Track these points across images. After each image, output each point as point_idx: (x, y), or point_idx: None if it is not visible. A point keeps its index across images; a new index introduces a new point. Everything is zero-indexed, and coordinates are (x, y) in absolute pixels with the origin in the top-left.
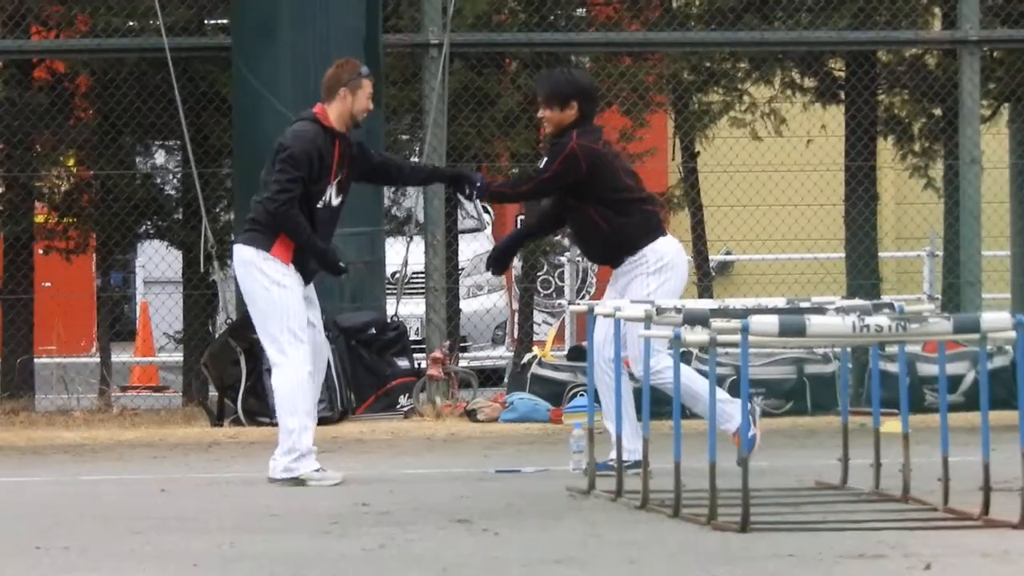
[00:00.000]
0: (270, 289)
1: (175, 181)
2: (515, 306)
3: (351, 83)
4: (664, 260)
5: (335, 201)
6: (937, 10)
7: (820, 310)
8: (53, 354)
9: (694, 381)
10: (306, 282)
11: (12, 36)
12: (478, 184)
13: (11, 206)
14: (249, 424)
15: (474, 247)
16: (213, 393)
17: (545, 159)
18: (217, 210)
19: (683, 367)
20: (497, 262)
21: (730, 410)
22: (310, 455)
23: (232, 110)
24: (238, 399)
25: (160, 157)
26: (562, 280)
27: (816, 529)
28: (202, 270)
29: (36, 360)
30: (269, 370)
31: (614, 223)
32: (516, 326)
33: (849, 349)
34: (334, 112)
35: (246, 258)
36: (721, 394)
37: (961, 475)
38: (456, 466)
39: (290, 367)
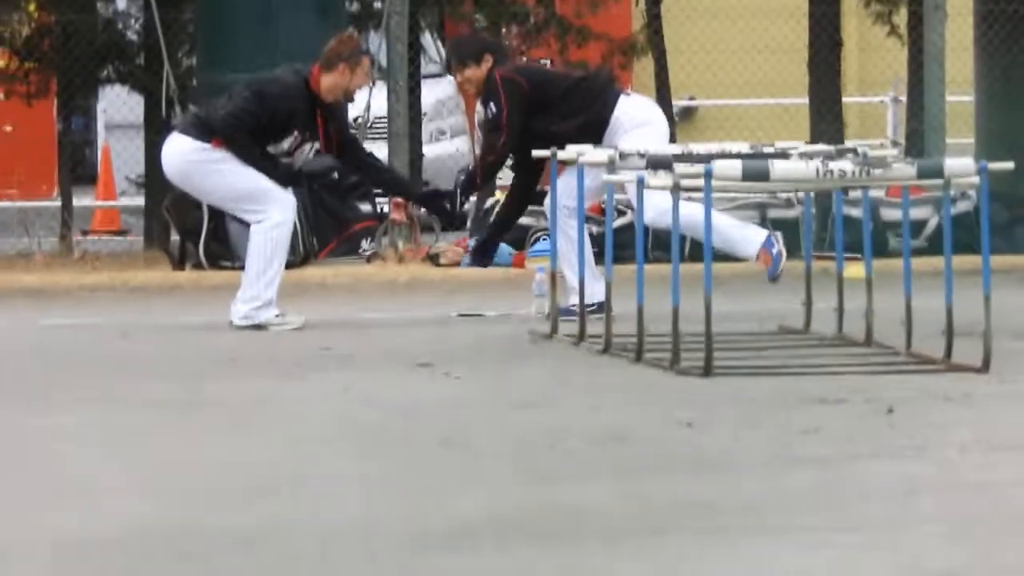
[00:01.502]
0: (219, 169)
1: (137, 26)
2: (478, 150)
3: (351, 59)
4: (636, 117)
5: (296, 165)
6: None
7: (784, 155)
8: (14, 198)
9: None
10: None
11: None
12: (457, 196)
13: None
14: (211, 268)
15: (436, 92)
16: (175, 237)
17: (490, 107)
18: (179, 55)
19: (692, 205)
20: (483, 255)
21: (748, 234)
22: (271, 304)
23: None
24: (200, 243)
25: (122, 2)
26: None
27: (778, 374)
28: (163, 115)
29: None
30: (233, 216)
31: (572, 122)
32: None
33: (812, 194)
34: (328, 82)
35: (181, 148)
36: (731, 220)
37: (924, 320)
38: (418, 310)
39: (276, 218)
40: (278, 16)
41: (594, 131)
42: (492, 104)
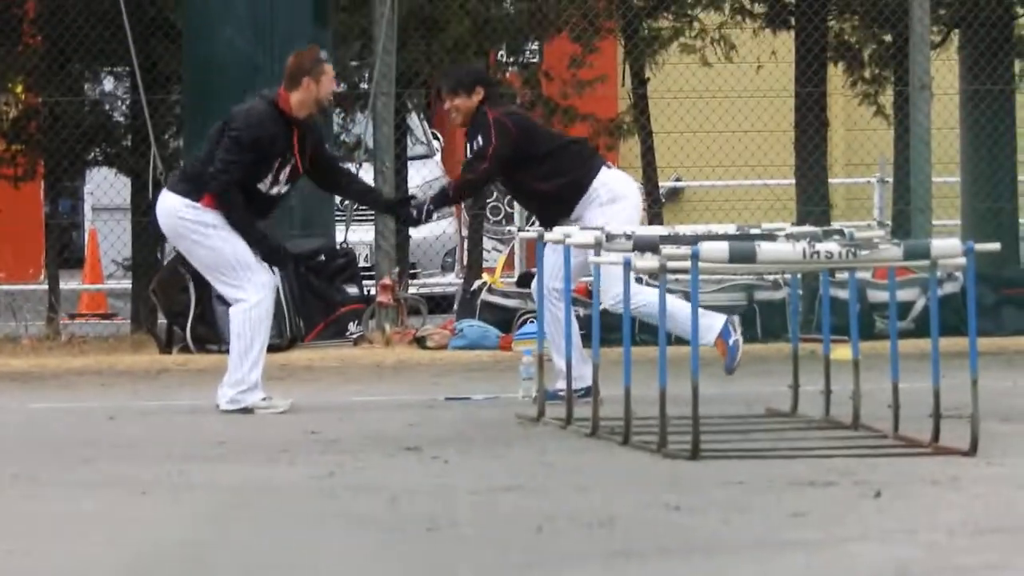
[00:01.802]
0: (207, 234)
1: (124, 108)
2: (464, 233)
3: (314, 70)
4: (615, 191)
5: (284, 189)
6: None
7: (770, 237)
8: (2, 281)
9: (671, 303)
10: None
11: None
12: (426, 204)
13: None
14: (198, 351)
15: (423, 173)
16: (162, 320)
17: (476, 140)
18: (166, 137)
19: (656, 292)
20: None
21: (707, 322)
22: (257, 387)
23: (181, 36)
24: (187, 326)
25: (109, 84)
26: (511, 207)
27: (766, 456)
28: (150, 197)
29: None
30: (219, 297)
31: (555, 181)
32: (466, 253)
33: (799, 276)
34: (297, 99)
35: (172, 207)
36: (688, 306)
37: (911, 402)
38: (406, 393)
39: (252, 299)
40: None
41: (573, 194)
42: (480, 138)
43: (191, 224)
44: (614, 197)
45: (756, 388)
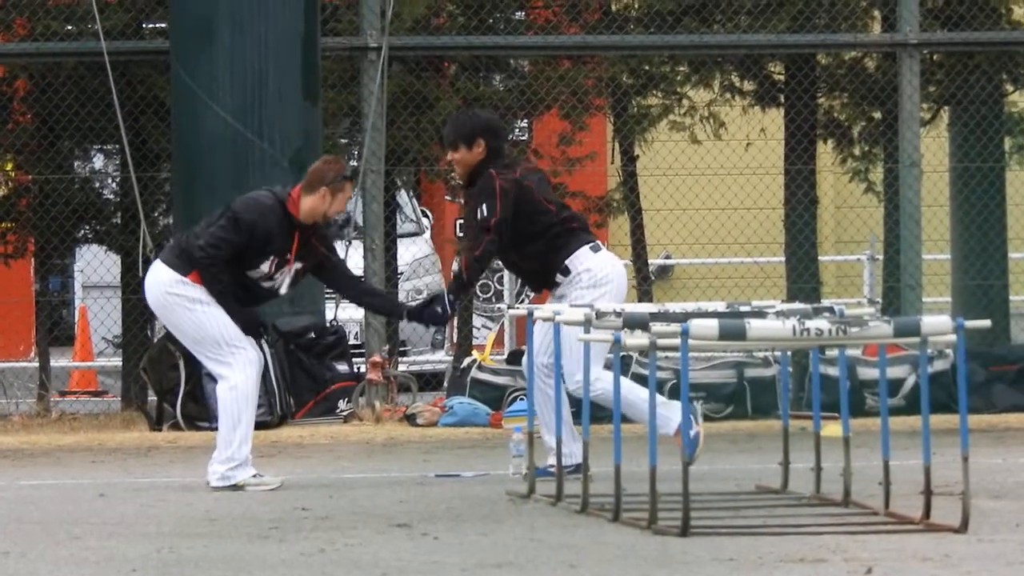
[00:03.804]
0: (192, 309)
1: (114, 185)
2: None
3: (334, 184)
4: (598, 275)
5: (283, 289)
6: (876, 13)
7: (760, 314)
8: None
9: (630, 391)
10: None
11: None
12: (446, 297)
13: None
14: (188, 428)
15: (413, 251)
16: (152, 398)
17: (481, 207)
18: (156, 214)
19: (621, 379)
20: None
21: (667, 413)
22: (247, 463)
23: (170, 114)
24: (177, 404)
25: (99, 161)
26: (501, 284)
27: (756, 533)
28: (140, 274)
29: None
30: (209, 374)
31: (539, 254)
32: (455, 330)
33: (789, 353)
34: (308, 205)
35: (161, 279)
36: (657, 399)
37: (902, 479)
38: (396, 470)
39: (237, 376)
40: (253, 175)
41: (549, 270)
42: (485, 206)
43: (177, 298)
44: (595, 283)
45: (746, 465)
